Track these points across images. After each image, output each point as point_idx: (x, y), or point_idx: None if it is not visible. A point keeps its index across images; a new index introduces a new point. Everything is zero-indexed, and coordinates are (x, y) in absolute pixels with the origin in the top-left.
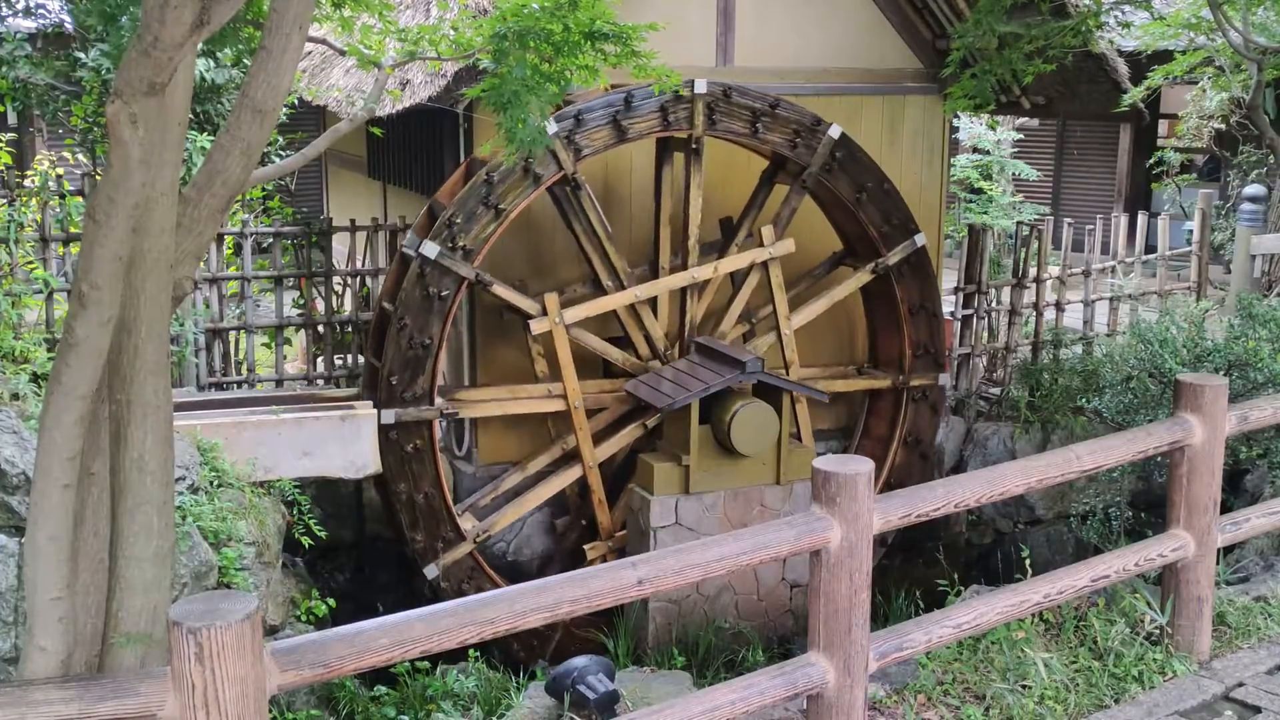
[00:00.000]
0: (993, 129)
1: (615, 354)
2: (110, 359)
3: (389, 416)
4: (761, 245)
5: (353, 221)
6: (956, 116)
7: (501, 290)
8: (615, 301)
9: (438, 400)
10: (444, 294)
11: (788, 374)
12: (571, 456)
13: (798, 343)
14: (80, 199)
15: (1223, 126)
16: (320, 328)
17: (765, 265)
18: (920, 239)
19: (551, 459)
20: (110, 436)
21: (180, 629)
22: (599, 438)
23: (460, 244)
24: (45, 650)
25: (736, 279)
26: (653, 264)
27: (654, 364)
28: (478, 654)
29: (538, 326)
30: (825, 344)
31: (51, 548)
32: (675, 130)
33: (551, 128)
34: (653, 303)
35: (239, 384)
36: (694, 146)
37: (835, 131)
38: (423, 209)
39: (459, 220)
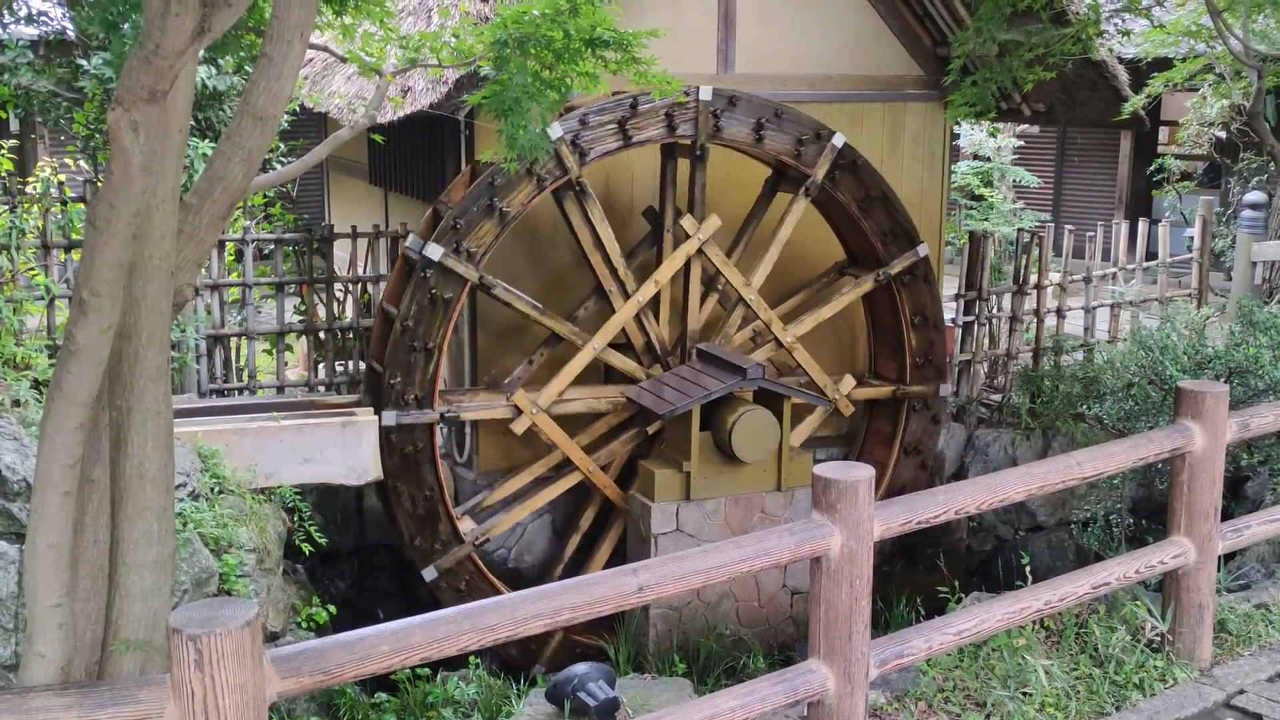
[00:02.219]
0: (993, 136)
1: (604, 405)
2: (111, 366)
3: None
4: (687, 236)
5: (354, 228)
6: (957, 123)
7: (472, 406)
8: (579, 365)
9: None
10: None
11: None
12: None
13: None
14: (82, 206)
15: (1223, 133)
16: (322, 334)
17: (701, 252)
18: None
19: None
20: (111, 443)
21: (180, 636)
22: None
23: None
24: (45, 657)
25: (688, 277)
26: (599, 291)
27: (655, 369)
28: (478, 661)
29: (519, 427)
30: (826, 353)
31: (52, 554)
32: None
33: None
34: (655, 307)
35: (240, 390)
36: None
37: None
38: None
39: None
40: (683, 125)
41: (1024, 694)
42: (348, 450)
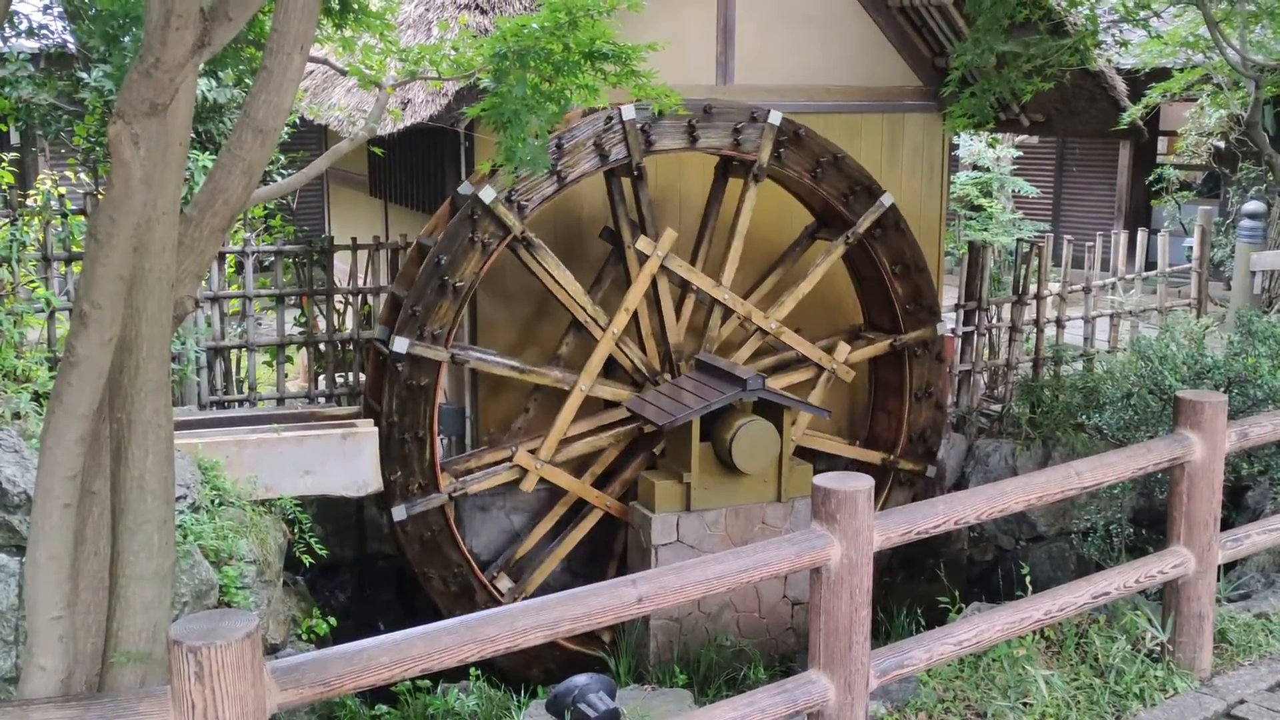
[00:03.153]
0: (992, 146)
1: (605, 441)
2: (111, 378)
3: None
4: (647, 255)
5: (354, 240)
6: (956, 134)
7: (477, 476)
8: (572, 408)
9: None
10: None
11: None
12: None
13: (785, 324)
14: (82, 218)
15: (1222, 143)
16: (322, 346)
17: (664, 269)
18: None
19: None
20: (111, 455)
21: (180, 648)
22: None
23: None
24: (45, 669)
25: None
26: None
27: (648, 387)
28: (479, 672)
29: (528, 485)
30: (813, 319)
31: (52, 566)
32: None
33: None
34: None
35: (240, 402)
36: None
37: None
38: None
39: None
40: (614, 150)
41: (1024, 704)
42: (348, 462)
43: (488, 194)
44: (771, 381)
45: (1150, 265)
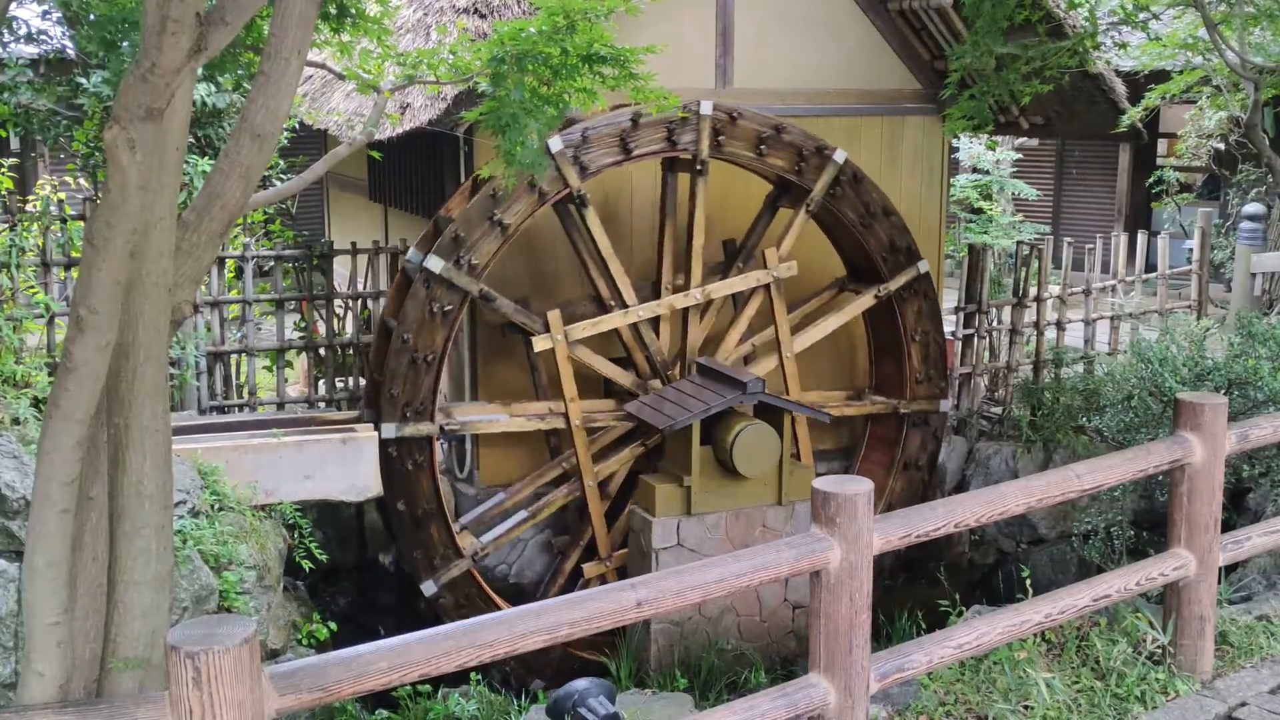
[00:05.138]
0: (992, 149)
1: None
2: (109, 383)
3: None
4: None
5: (354, 244)
6: (956, 137)
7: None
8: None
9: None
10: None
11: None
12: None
13: (800, 365)
14: (82, 223)
15: (1221, 145)
16: (321, 350)
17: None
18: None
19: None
20: (109, 460)
21: (178, 653)
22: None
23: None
24: (43, 675)
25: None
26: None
27: (654, 383)
28: (479, 677)
29: (540, 344)
30: (827, 369)
31: (50, 572)
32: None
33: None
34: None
35: (240, 407)
36: (698, 167)
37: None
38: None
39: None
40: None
41: (1025, 707)
42: (348, 467)
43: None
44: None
45: (1150, 267)
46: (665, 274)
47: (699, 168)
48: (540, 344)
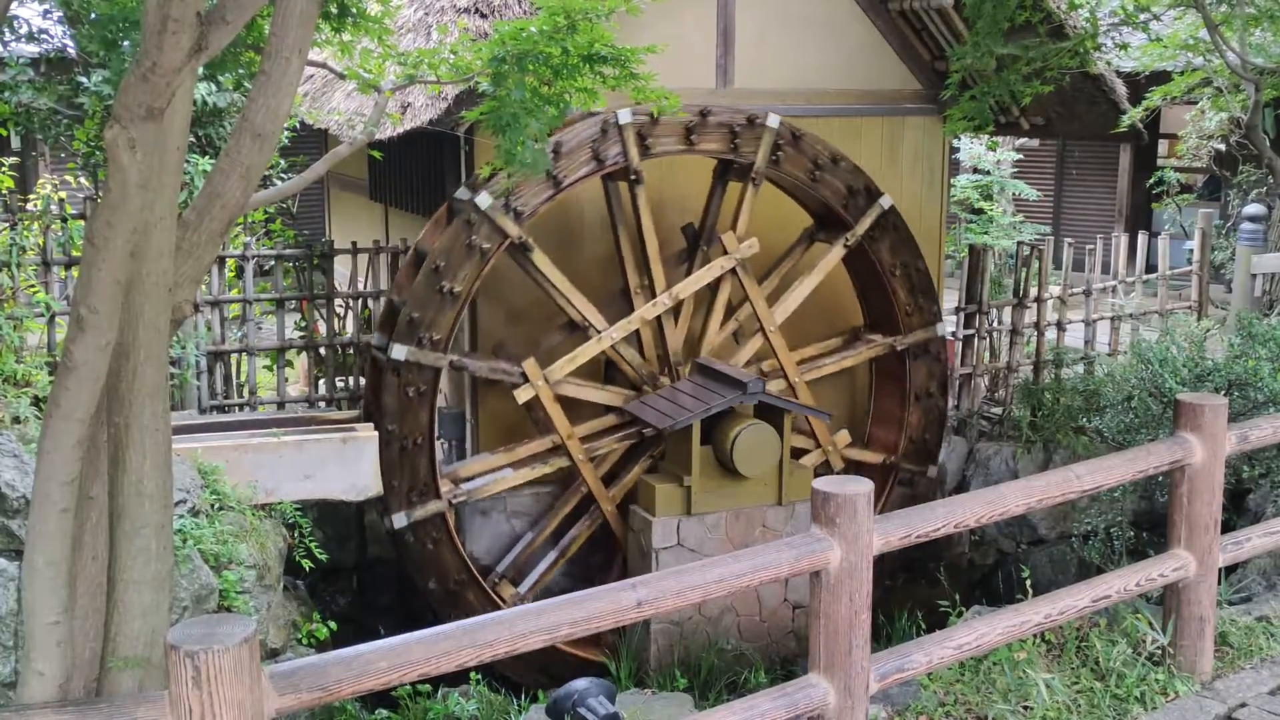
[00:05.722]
0: (992, 149)
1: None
2: (109, 382)
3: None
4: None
5: (354, 244)
6: (956, 137)
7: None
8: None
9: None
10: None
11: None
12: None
13: (786, 328)
14: (82, 223)
15: (1222, 146)
16: (322, 350)
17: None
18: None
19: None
20: (109, 460)
21: (178, 653)
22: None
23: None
24: (43, 674)
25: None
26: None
27: (647, 389)
28: (479, 677)
29: (523, 395)
30: (813, 321)
31: (50, 572)
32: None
33: (485, 201)
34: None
35: (240, 407)
36: (633, 177)
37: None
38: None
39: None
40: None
41: (1025, 708)
42: (348, 466)
43: (485, 200)
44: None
45: (1151, 268)
46: (631, 280)
47: (633, 177)
48: (523, 395)
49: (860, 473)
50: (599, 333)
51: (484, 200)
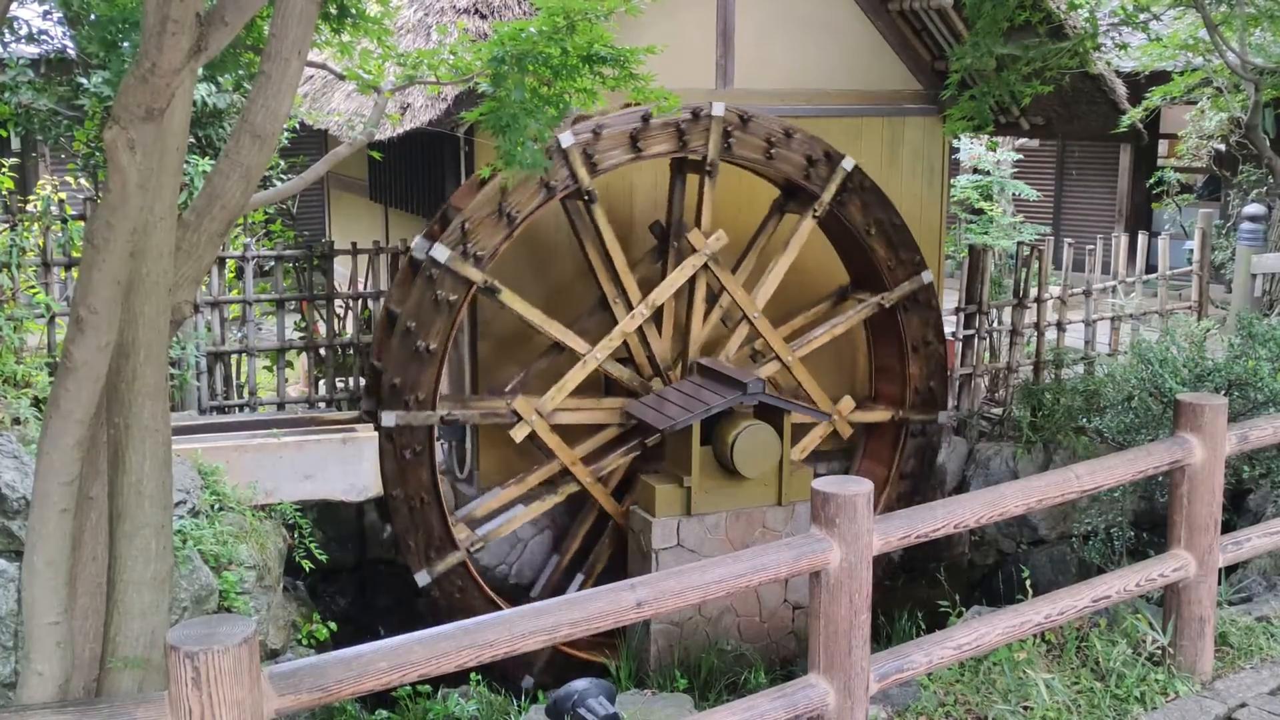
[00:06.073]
0: (992, 149)
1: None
2: (109, 383)
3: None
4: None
5: (354, 244)
6: (956, 137)
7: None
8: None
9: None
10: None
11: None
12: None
13: (771, 303)
14: (82, 223)
15: (1222, 146)
16: (322, 350)
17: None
18: (849, 163)
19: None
20: (109, 460)
21: (178, 653)
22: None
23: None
24: (43, 675)
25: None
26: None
27: (655, 382)
28: (479, 677)
29: (519, 434)
30: (795, 289)
31: (49, 572)
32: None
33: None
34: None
35: (240, 407)
36: (585, 198)
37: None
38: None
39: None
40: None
41: (1025, 708)
42: (348, 467)
43: (441, 252)
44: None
45: (1151, 268)
46: (608, 291)
47: (586, 197)
48: (519, 433)
49: (871, 433)
50: (582, 356)
51: (440, 253)
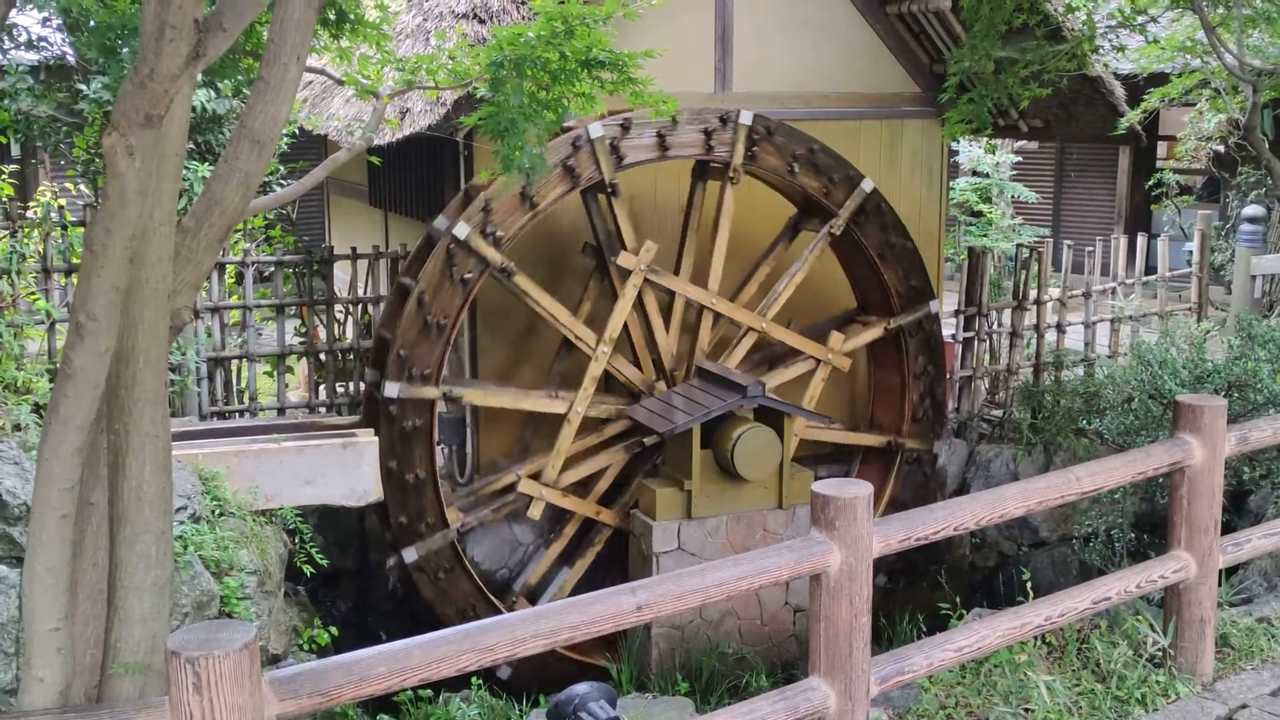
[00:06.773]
0: (991, 152)
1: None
2: (109, 389)
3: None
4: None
5: (354, 249)
6: (955, 140)
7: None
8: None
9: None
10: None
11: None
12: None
13: (777, 320)
14: (82, 229)
15: (1221, 148)
16: (322, 356)
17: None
18: (868, 184)
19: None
20: (109, 466)
21: (178, 658)
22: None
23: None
24: (44, 681)
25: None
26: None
27: (660, 385)
28: (480, 682)
29: (535, 511)
30: (801, 309)
31: (50, 578)
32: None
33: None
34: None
35: (241, 412)
36: (609, 189)
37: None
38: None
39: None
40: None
41: (1026, 710)
42: (348, 471)
43: (462, 229)
44: (772, 377)
45: (1150, 270)
46: (571, 331)
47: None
48: (535, 511)
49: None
50: (591, 351)
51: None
